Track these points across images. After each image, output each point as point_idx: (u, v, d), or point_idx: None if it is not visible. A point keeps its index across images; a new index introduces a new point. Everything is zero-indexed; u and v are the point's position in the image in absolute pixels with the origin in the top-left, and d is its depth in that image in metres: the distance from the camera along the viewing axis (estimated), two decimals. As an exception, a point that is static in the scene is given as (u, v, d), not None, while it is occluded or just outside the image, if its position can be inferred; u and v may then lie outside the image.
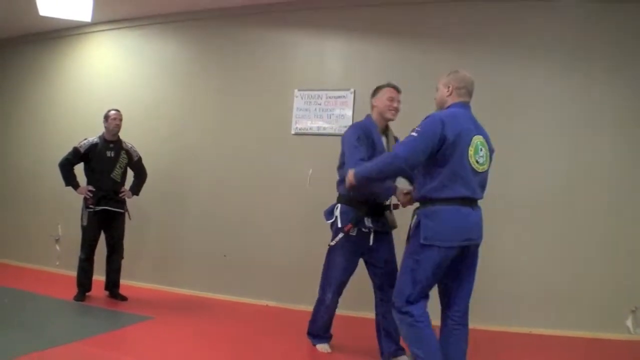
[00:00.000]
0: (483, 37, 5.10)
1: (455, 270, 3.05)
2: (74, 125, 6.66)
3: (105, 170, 5.25)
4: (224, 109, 5.94)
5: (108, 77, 6.60)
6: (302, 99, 5.56)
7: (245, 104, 5.81)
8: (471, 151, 2.94)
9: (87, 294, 5.26)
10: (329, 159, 5.28)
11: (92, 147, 5.22)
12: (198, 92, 6.08)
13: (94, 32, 6.71)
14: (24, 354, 3.38)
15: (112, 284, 5.41)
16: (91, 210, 5.20)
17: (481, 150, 3.00)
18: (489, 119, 4.89)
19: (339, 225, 3.71)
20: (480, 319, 4.77)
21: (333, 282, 3.85)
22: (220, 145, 5.88)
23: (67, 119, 6.80)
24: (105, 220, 5.29)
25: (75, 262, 5.27)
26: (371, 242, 3.73)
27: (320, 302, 3.94)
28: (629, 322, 4.62)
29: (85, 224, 5.24)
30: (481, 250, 4.74)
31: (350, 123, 5.19)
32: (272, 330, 4.60)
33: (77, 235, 6.45)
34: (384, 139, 3.87)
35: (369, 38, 5.47)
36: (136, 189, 5.46)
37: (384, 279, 3.77)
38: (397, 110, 3.88)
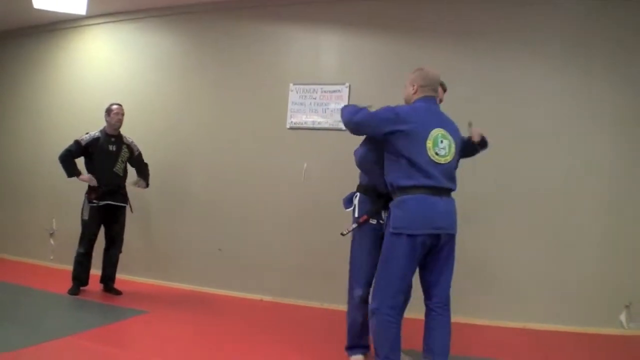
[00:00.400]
0: (480, 33, 5.09)
1: (432, 261, 3.12)
2: (69, 119, 6.65)
3: (108, 164, 5.21)
4: (219, 102, 5.92)
5: (103, 70, 6.57)
6: (297, 93, 5.55)
7: (240, 98, 5.80)
8: (429, 144, 3.04)
9: (82, 288, 5.24)
10: (324, 153, 5.32)
11: (94, 141, 5.17)
12: (193, 85, 6.06)
13: (89, 25, 6.67)
14: (19, 348, 3.37)
15: (108, 278, 5.38)
16: (94, 204, 5.16)
17: (442, 142, 3.08)
18: (487, 112, 4.98)
19: (356, 215, 3.58)
20: (475, 313, 4.83)
21: (360, 278, 3.56)
22: (215, 139, 5.87)
23: (62, 112, 6.77)
24: (107, 215, 5.26)
25: (70, 256, 5.25)
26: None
27: (350, 303, 3.64)
28: (623, 317, 4.63)
29: (86, 218, 5.20)
30: (477, 246, 4.83)
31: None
32: (266, 324, 4.58)
33: (71, 229, 6.44)
34: None
35: (365, 32, 5.46)
36: (146, 181, 5.46)
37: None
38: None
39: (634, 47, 4.75)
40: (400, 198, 3.07)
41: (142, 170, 5.49)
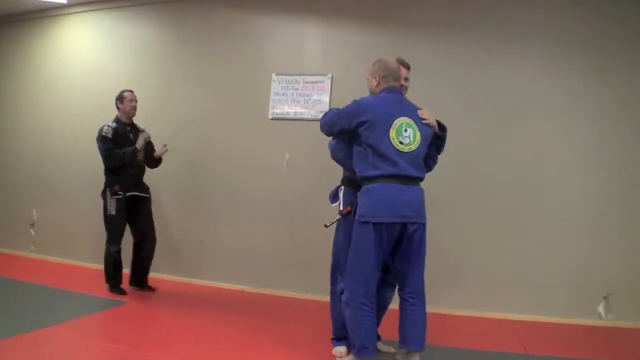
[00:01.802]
0: (466, 24, 5.09)
1: (403, 251, 3.16)
2: (50, 108, 6.61)
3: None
4: (201, 92, 5.88)
5: (84, 59, 6.50)
6: (279, 83, 5.53)
7: (222, 88, 5.77)
8: (392, 133, 3.10)
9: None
10: (305, 144, 5.31)
11: (115, 131, 4.94)
12: (175, 75, 6.01)
13: (70, 14, 6.59)
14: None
15: (142, 273, 5.17)
16: (120, 197, 4.94)
17: (405, 131, 3.13)
18: (472, 103, 5.00)
19: (341, 207, 3.55)
20: (456, 304, 4.86)
21: (344, 271, 3.44)
22: (196, 129, 5.83)
23: (43, 101, 6.71)
24: (131, 207, 5.03)
25: (52, 246, 5.19)
26: None
27: (333, 295, 3.65)
28: (601, 308, 4.67)
29: (113, 212, 4.94)
30: (456, 236, 4.86)
31: (327, 108, 5.19)
32: (247, 315, 4.57)
33: (52, 219, 6.45)
34: None
35: (347, 23, 5.44)
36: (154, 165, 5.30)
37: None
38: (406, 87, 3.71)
39: (618, 43, 4.78)
40: (366, 187, 3.12)
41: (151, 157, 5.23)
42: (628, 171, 4.72)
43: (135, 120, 5.14)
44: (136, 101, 5.09)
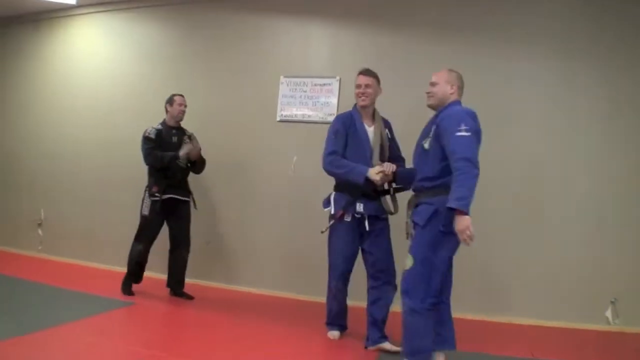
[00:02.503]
0: (473, 27, 5.10)
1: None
2: (56, 109, 6.65)
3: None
4: (209, 94, 5.88)
5: (92, 60, 6.53)
6: (287, 85, 5.54)
7: (231, 90, 5.78)
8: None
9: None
10: (313, 146, 5.30)
11: (159, 132, 4.96)
12: (183, 77, 6.01)
13: (79, 14, 6.61)
14: (5, 339, 3.36)
15: (177, 282, 5.10)
16: (156, 198, 4.90)
17: None
18: (477, 104, 4.99)
19: (332, 212, 3.82)
20: (463, 307, 4.83)
21: (334, 269, 3.91)
22: (205, 131, 5.81)
23: (51, 102, 6.74)
24: (169, 210, 4.99)
25: (59, 246, 5.20)
26: (367, 227, 3.81)
27: (328, 290, 4.00)
28: (609, 313, 4.67)
29: (146, 213, 4.92)
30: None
31: (335, 111, 5.21)
32: (255, 316, 4.59)
33: (60, 219, 6.47)
34: (371, 127, 3.99)
35: (355, 25, 5.45)
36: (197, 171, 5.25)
37: (376, 266, 3.84)
38: (365, 95, 3.98)
39: (615, 43, 4.79)
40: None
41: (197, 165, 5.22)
42: (635, 172, 4.72)
43: (143, 120, 5.14)
44: (185, 106, 5.11)
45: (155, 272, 5.67)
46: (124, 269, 5.35)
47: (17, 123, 7.02)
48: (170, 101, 5.09)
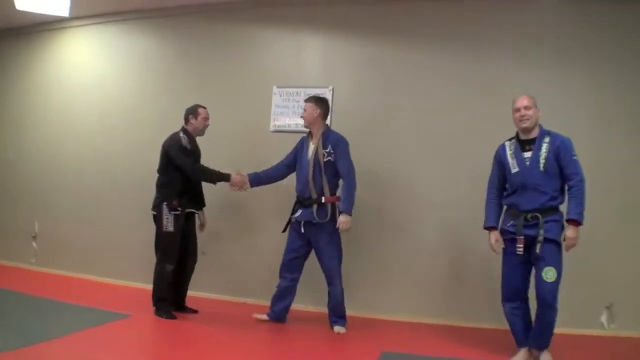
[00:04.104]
0: (464, 36, 5.15)
1: None
2: (51, 121, 6.64)
3: None
4: (202, 104, 5.87)
5: (86, 72, 6.54)
6: (280, 96, 5.56)
7: (224, 101, 5.78)
8: None
9: None
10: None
11: (190, 142, 4.78)
12: (177, 88, 6.02)
13: (72, 27, 6.63)
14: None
15: (181, 296, 4.95)
16: (178, 213, 4.72)
17: None
18: (470, 112, 5.02)
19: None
20: (460, 316, 4.86)
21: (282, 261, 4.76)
22: (198, 141, 5.83)
23: (44, 114, 6.74)
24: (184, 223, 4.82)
25: (54, 258, 5.15)
26: (302, 230, 4.59)
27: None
28: (604, 318, 4.69)
29: (172, 229, 4.67)
30: (461, 250, 4.88)
31: (328, 121, 5.20)
32: (251, 328, 4.60)
33: (54, 232, 6.44)
34: (312, 146, 4.65)
35: (347, 35, 5.48)
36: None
37: (321, 268, 4.63)
38: (304, 118, 4.75)
39: (613, 51, 4.83)
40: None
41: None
42: (631, 178, 4.76)
43: (136, 131, 5.11)
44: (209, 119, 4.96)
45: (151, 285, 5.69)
46: (118, 282, 5.33)
47: (10, 135, 7.02)
48: (194, 112, 4.89)
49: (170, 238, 4.70)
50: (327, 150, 4.53)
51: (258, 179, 4.92)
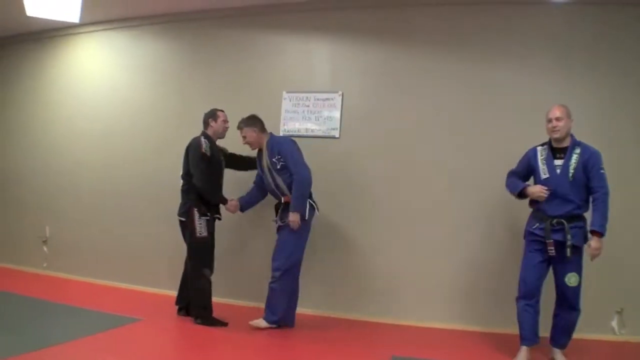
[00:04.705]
0: (471, 40, 5.15)
1: None
2: (61, 127, 6.68)
3: (217, 175, 4.90)
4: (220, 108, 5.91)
5: (96, 78, 6.57)
6: (290, 101, 5.58)
7: (234, 106, 5.76)
8: None
9: None
10: (317, 160, 5.32)
11: (211, 148, 4.77)
12: (187, 93, 6.05)
13: (82, 33, 6.66)
14: (10, 356, 3.37)
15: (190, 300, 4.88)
16: (208, 217, 4.73)
17: None
18: (476, 116, 5.03)
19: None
20: (471, 321, 4.86)
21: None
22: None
23: (54, 120, 6.79)
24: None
25: (65, 263, 5.15)
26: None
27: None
28: (614, 323, 4.68)
29: (205, 234, 4.68)
30: (473, 254, 4.86)
31: (338, 125, 5.31)
32: (262, 331, 4.60)
33: (65, 236, 6.48)
34: (263, 157, 4.80)
35: (357, 40, 5.48)
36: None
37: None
38: (249, 143, 4.90)
39: (621, 50, 4.84)
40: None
41: (243, 159, 5.22)
42: (637, 181, 4.75)
43: (147, 137, 5.09)
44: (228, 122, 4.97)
45: (162, 289, 5.73)
46: (130, 286, 5.33)
47: (22, 140, 7.07)
48: (213, 115, 4.91)
49: (204, 242, 4.71)
50: (277, 157, 4.68)
51: (249, 204, 5.10)
